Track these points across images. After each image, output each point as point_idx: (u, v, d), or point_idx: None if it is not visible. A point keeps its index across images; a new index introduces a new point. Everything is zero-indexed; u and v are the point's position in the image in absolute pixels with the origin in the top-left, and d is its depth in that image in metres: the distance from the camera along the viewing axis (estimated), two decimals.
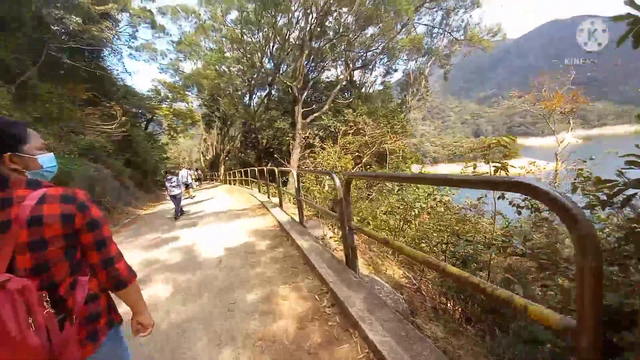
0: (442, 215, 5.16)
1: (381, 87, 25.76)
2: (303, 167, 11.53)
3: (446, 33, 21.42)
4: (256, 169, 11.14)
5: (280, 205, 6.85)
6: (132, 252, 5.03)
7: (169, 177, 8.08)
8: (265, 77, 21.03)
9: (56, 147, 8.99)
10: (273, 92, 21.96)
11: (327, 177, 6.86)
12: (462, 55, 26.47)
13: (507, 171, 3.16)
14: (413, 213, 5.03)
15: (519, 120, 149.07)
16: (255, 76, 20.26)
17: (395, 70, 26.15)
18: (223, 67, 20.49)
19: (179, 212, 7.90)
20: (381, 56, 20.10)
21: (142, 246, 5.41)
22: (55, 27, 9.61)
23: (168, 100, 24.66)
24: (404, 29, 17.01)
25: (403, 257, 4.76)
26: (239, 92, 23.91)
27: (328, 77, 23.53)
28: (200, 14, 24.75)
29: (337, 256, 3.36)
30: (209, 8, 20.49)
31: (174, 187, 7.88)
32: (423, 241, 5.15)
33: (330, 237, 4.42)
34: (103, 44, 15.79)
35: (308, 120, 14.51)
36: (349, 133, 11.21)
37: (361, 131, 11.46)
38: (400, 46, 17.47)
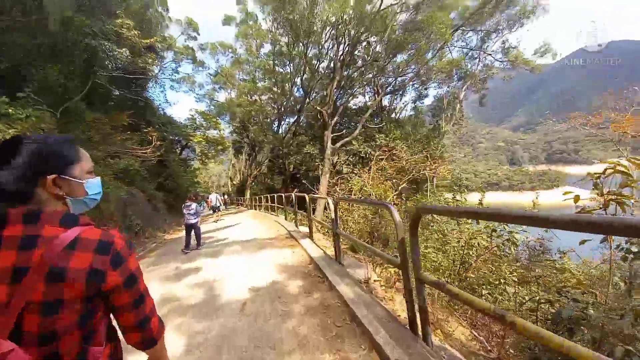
0: (509, 257, 4.18)
1: (412, 112, 25.23)
2: (333, 194, 10.92)
3: (483, 55, 20.76)
4: (283, 194, 10.71)
5: (311, 236, 6.19)
6: (152, 284, 4.55)
7: (188, 203, 6.95)
8: (294, 104, 21.44)
9: (96, 171, 9.24)
10: (302, 118, 22.24)
11: (380, 208, 6.11)
12: (502, 80, 25.45)
13: (625, 205, 2.30)
14: (473, 252, 4.12)
15: (559, 147, 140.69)
16: (285, 104, 20.71)
17: (426, 96, 25.63)
18: (255, 96, 21.29)
19: (196, 243, 6.91)
20: (414, 81, 19.75)
21: (162, 277, 4.94)
22: (104, 56, 10.38)
23: (202, 128, 25.93)
24: (437, 53, 16.64)
25: (466, 309, 3.82)
26: (269, 120, 24.57)
27: (356, 104, 23.60)
28: (236, 49, 26.55)
29: (392, 310, 2.57)
30: (244, 42, 21.79)
31: (191, 214, 6.85)
32: (484, 288, 4.17)
33: (375, 281, 3.64)
34: (148, 76, 17.06)
35: (338, 145, 14.16)
36: (382, 158, 10.57)
37: (394, 157, 10.80)
38: (437, 69, 17.03)
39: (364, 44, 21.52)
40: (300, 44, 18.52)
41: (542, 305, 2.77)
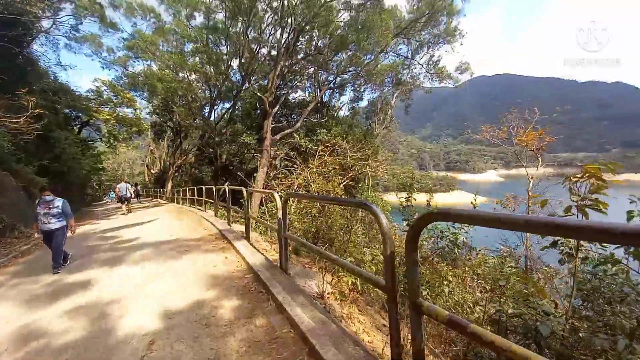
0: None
1: (348, 113, 25.86)
2: (272, 189, 10.06)
3: (412, 67, 22.50)
4: (214, 187, 9.36)
5: (247, 237, 5.29)
6: (7, 309, 3.07)
7: (47, 196, 4.63)
8: (230, 88, 19.47)
9: None
10: (238, 104, 20.36)
11: (364, 211, 5.44)
12: (424, 92, 28.22)
13: (601, 211, 2.25)
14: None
15: (455, 158, 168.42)
16: (219, 86, 18.61)
17: (361, 99, 26.64)
18: (183, 73, 18.51)
19: (59, 260, 4.51)
20: (356, 79, 20.04)
21: (26, 298, 3.42)
22: None
23: (111, 104, 21.43)
24: (378, 55, 17.20)
25: None
26: (199, 103, 21.83)
27: (295, 98, 22.89)
28: (160, 14, 22.67)
29: (371, 349, 2.02)
30: (171, 8, 18.69)
31: (51, 215, 4.53)
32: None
33: (329, 293, 3.06)
34: (33, 28, 13.03)
35: (278, 137, 13.24)
36: (323, 154, 10.20)
37: (336, 153, 10.57)
38: (377, 71, 17.57)
39: (307, 37, 21.03)
40: (239, 22, 16.82)
41: (504, 317, 2.62)
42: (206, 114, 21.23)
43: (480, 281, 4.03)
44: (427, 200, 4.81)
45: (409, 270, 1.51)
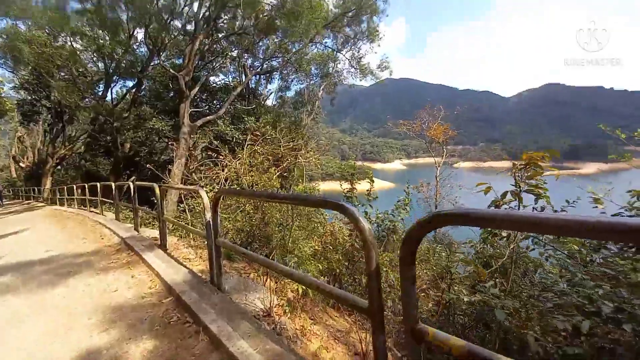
0: None
1: (276, 102, 24.95)
2: (189, 184, 8.71)
3: (337, 62, 22.99)
4: (114, 184, 7.55)
5: (163, 245, 4.28)
6: None
7: None
8: (134, 62, 16.18)
9: None
10: (146, 83, 17.11)
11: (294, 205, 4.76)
12: (347, 87, 29.42)
13: (543, 196, 2.38)
14: None
15: (369, 149, 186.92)
16: (119, 60, 15.25)
17: (289, 89, 26.05)
18: (64, 37, 14.40)
19: None
20: (283, 70, 19.33)
21: None
22: None
23: None
24: (309, 44, 16.83)
25: None
26: (89, 78, 17.52)
27: (217, 82, 20.71)
28: None
29: None
30: None
31: None
32: None
33: (277, 306, 2.55)
34: None
35: (199, 123, 11.49)
36: (252, 143, 9.36)
37: (266, 142, 9.85)
38: (308, 59, 17.14)
39: (230, 15, 19.11)
40: None
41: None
42: (99, 93, 17.24)
43: (425, 270, 4.15)
44: (368, 191, 4.72)
45: (406, 289, 1.15)
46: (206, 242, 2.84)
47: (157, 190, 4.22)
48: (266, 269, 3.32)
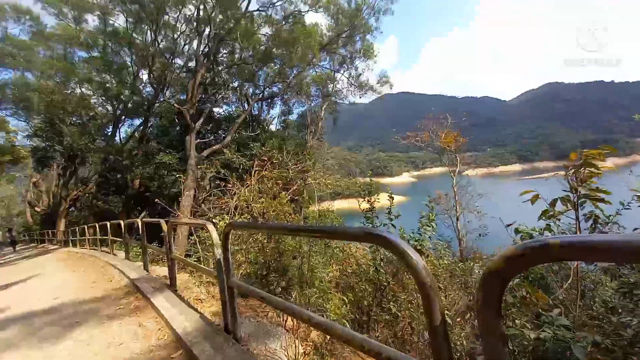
0: None
1: (280, 127, 25.25)
2: (199, 215, 8.52)
3: (336, 82, 23.39)
4: (122, 221, 7.41)
5: (172, 284, 3.99)
6: None
7: None
8: (140, 103, 16.73)
9: None
10: (151, 120, 17.59)
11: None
12: (348, 104, 29.74)
13: (607, 201, 2.03)
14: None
15: (377, 165, 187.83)
16: (125, 101, 15.80)
17: (291, 112, 26.47)
18: (73, 84, 15.07)
19: None
20: (284, 94, 19.71)
21: None
22: None
23: None
24: (306, 67, 17.19)
25: None
26: (99, 121, 18.14)
27: (221, 113, 21.17)
28: (38, 18, 18.31)
29: None
30: (54, 9, 15.21)
31: None
32: None
33: (301, 356, 2.19)
34: None
35: (205, 153, 11.53)
36: (260, 169, 9.23)
37: (273, 166, 9.71)
38: (309, 81, 17.44)
39: (229, 48, 19.85)
40: (147, 30, 14.72)
41: None
42: (109, 134, 17.76)
43: (455, 291, 3.71)
44: (389, 209, 4.38)
45: (492, 348, 0.83)
46: (217, 284, 2.54)
47: (165, 227, 3.99)
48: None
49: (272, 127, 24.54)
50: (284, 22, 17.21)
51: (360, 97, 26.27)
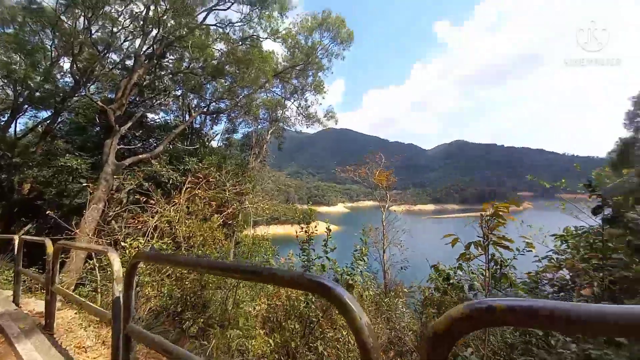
0: None
1: (222, 144, 24.10)
2: (105, 235, 7.16)
3: (287, 109, 23.89)
4: None
5: (48, 326, 3.09)
6: None
7: None
8: (52, 93, 14.12)
9: None
10: (65, 115, 14.81)
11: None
12: (294, 132, 30.42)
13: (510, 248, 2.30)
14: None
15: (315, 192, 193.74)
16: (33, 86, 13.17)
17: (236, 131, 25.73)
18: None
19: None
20: (231, 112, 19.11)
21: None
22: None
23: None
24: (259, 90, 17.11)
25: None
26: None
27: (156, 120, 19.27)
28: None
29: None
30: None
31: None
32: None
33: None
34: None
35: (128, 162, 9.92)
36: (192, 187, 8.41)
37: (209, 186, 8.94)
38: (257, 105, 17.20)
39: (177, 55, 18.76)
40: (80, 13, 12.92)
41: None
42: (1, 123, 14.32)
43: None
44: (325, 241, 4.33)
45: None
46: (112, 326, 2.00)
47: (50, 249, 3.14)
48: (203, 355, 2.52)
49: (214, 144, 23.29)
50: (240, 43, 17.20)
51: (307, 127, 27.25)
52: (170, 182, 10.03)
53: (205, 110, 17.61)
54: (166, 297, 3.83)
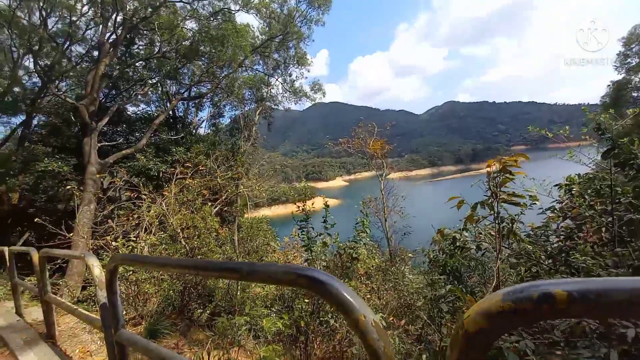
0: None
1: (209, 130, 23.37)
2: (100, 236, 7.02)
3: (270, 87, 22.89)
4: None
5: (50, 335, 3.01)
6: None
7: None
8: (22, 96, 13.30)
9: None
10: (38, 118, 14.06)
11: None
12: (283, 110, 29.48)
13: (523, 205, 2.17)
14: None
15: (312, 169, 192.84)
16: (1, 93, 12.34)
17: (222, 115, 24.81)
18: None
19: None
20: (214, 96, 18.29)
21: None
22: None
23: None
24: (239, 69, 16.24)
25: None
26: None
27: (137, 113, 18.43)
28: None
29: None
30: None
31: None
32: None
33: None
34: None
35: (111, 159, 9.52)
36: (183, 177, 8.15)
37: (200, 174, 8.68)
38: (241, 83, 16.41)
39: (147, 40, 17.57)
40: (34, 5, 11.81)
41: None
42: None
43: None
44: (324, 217, 4.22)
45: None
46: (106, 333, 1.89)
47: (35, 258, 2.98)
48: (211, 344, 2.46)
49: (201, 131, 22.54)
50: (212, 19, 16.03)
51: (295, 104, 26.37)
52: (160, 174, 9.74)
53: (185, 96, 16.82)
54: (169, 292, 3.76)
